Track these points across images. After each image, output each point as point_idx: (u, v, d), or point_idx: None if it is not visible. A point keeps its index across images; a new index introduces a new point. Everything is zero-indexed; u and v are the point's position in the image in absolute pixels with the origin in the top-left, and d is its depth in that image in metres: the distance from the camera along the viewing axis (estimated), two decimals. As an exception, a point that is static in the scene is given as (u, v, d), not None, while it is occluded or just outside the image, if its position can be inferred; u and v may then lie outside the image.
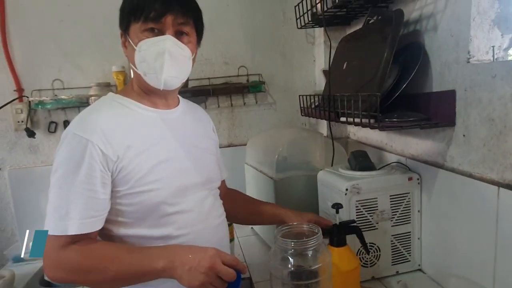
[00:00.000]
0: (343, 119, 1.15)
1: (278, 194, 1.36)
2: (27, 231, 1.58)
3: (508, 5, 0.92)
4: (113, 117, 0.89)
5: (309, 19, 1.49)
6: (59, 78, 1.69)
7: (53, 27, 1.66)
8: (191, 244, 0.87)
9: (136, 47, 0.88)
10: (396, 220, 1.16)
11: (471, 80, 0.94)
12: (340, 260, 0.99)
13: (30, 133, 1.64)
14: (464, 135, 0.98)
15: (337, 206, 1.02)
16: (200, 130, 1.08)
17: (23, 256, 1.53)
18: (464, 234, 1.00)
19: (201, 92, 1.75)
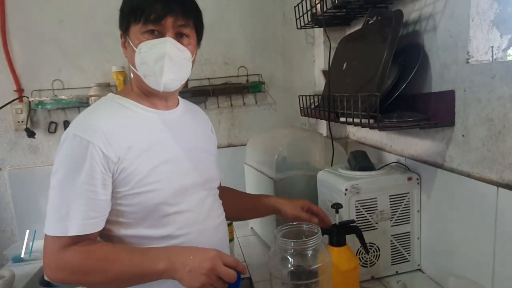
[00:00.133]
0: (343, 119, 1.16)
1: (278, 194, 1.36)
2: (27, 231, 1.59)
3: (507, 6, 0.92)
4: (114, 118, 0.89)
5: (309, 20, 1.49)
6: (59, 78, 1.70)
7: (53, 27, 1.67)
8: (191, 244, 0.87)
9: (136, 49, 0.88)
10: (396, 220, 1.17)
11: (470, 81, 0.94)
12: (340, 260, 0.99)
13: (30, 133, 1.65)
14: (463, 135, 0.98)
15: (337, 206, 1.02)
16: (200, 131, 1.08)
17: (23, 256, 1.53)
18: (464, 234, 1.01)
19: (201, 92, 1.76)
